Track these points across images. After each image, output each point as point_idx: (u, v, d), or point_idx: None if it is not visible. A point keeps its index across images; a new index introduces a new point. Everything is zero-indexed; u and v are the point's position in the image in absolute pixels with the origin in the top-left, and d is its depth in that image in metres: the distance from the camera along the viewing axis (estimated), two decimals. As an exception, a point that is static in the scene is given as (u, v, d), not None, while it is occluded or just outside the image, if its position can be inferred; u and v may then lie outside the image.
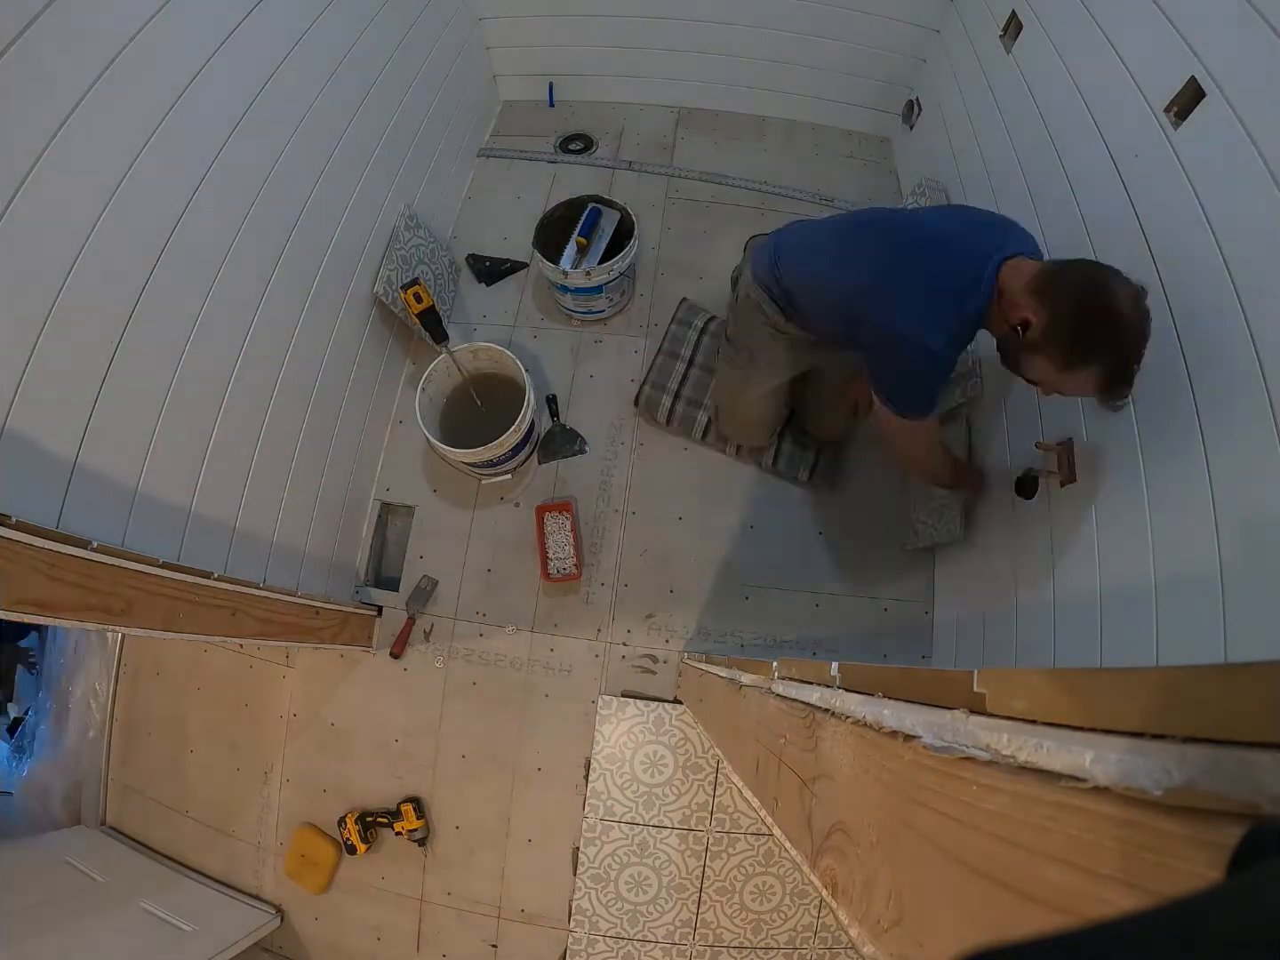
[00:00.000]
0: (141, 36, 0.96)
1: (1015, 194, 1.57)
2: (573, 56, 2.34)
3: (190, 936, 1.51)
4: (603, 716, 1.70)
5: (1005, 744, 0.25)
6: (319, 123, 1.43)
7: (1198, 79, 1.02)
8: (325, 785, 1.73)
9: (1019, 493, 1.38)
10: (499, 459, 1.72)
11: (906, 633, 1.78)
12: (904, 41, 2.10)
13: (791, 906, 1.64)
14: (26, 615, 0.79)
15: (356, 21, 1.54)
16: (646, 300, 2.09)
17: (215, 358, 1.23)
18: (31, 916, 1.41)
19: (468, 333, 2.04)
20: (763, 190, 2.28)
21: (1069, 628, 1.23)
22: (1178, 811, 0.17)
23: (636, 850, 1.65)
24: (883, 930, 0.34)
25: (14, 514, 0.78)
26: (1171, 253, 1.07)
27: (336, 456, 1.69)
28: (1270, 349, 0.87)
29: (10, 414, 0.83)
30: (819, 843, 0.45)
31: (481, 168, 2.34)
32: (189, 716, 1.83)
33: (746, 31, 2.18)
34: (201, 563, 1.15)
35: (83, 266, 0.91)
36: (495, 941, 1.65)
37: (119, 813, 1.85)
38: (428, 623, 1.79)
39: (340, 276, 1.63)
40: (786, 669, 0.63)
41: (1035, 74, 1.53)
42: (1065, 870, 0.20)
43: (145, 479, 1.06)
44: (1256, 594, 0.85)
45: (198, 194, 1.11)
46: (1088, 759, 0.20)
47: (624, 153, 2.36)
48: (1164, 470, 1.04)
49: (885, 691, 0.38)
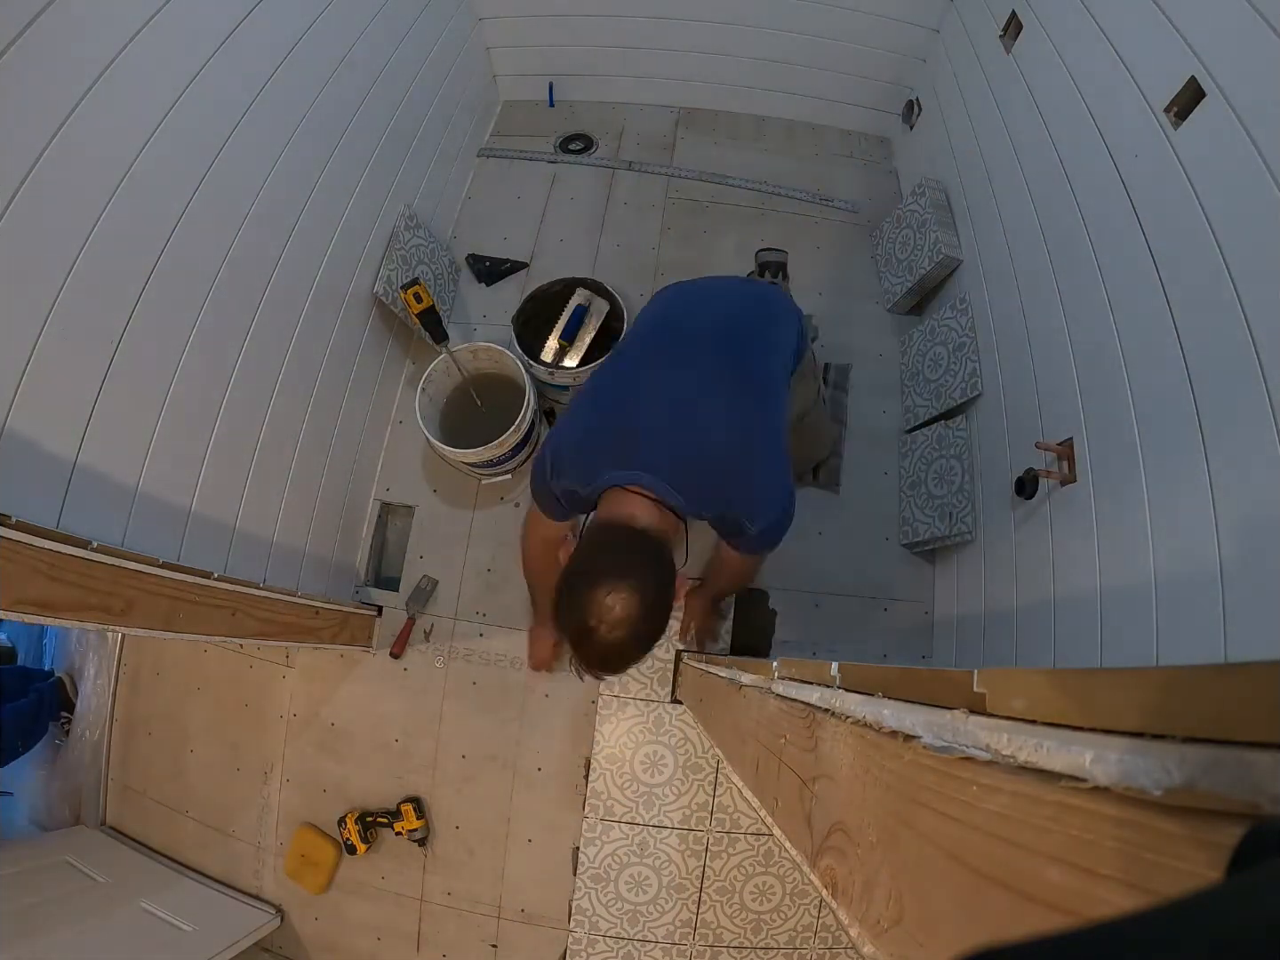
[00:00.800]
0: (142, 36, 0.96)
1: (1015, 194, 1.57)
2: (573, 56, 2.34)
3: (190, 936, 1.51)
4: (603, 716, 1.70)
5: (1005, 744, 0.25)
6: (319, 123, 1.43)
7: (1198, 79, 1.02)
8: (325, 785, 1.73)
9: (1019, 493, 1.38)
10: (499, 459, 1.72)
11: (906, 633, 1.78)
12: (904, 41, 2.11)
13: (791, 906, 1.64)
14: (27, 615, 0.79)
15: (356, 22, 1.54)
16: (646, 300, 2.08)
17: (215, 358, 1.23)
18: (31, 916, 1.41)
19: (468, 333, 2.04)
20: (763, 190, 2.28)
21: (1069, 628, 1.23)
22: (1178, 811, 0.17)
23: (636, 850, 1.65)
24: (883, 930, 0.34)
25: (14, 514, 0.78)
26: (1171, 253, 1.07)
27: (336, 456, 1.69)
28: (1270, 348, 0.87)
29: (10, 414, 0.83)
30: (819, 843, 0.45)
31: (481, 168, 2.34)
32: (189, 716, 1.83)
33: (747, 31, 2.18)
34: (201, 563, 1.15)
35: (83, 266, 0.91)
36: (495, 941, 1.65)
37: (119, 813, 1.85)
38: (428, 623, 1.79)
39: (340, 276, 1.63)
40: (786, 669, 0.63)
41: (1035, 74, 1.53)
42: (1065, 870, 0.20)
43: (145, 479, 1.06)
44: (1256, 594, 0.85)
45: (198, 194, 1.11)
46: (1088, 759, 0.20)
47: (624, 153, 2.36)
48: (1164, 470, 1.04)
49: (885, 691, 0.38)
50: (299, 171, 1.40)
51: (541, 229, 2.21)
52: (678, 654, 1.73)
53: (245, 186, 1.24)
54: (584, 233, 2.20)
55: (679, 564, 0.94)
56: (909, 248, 1.98)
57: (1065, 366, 1.31)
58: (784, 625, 1.78)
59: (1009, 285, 1.58)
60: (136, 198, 0.98)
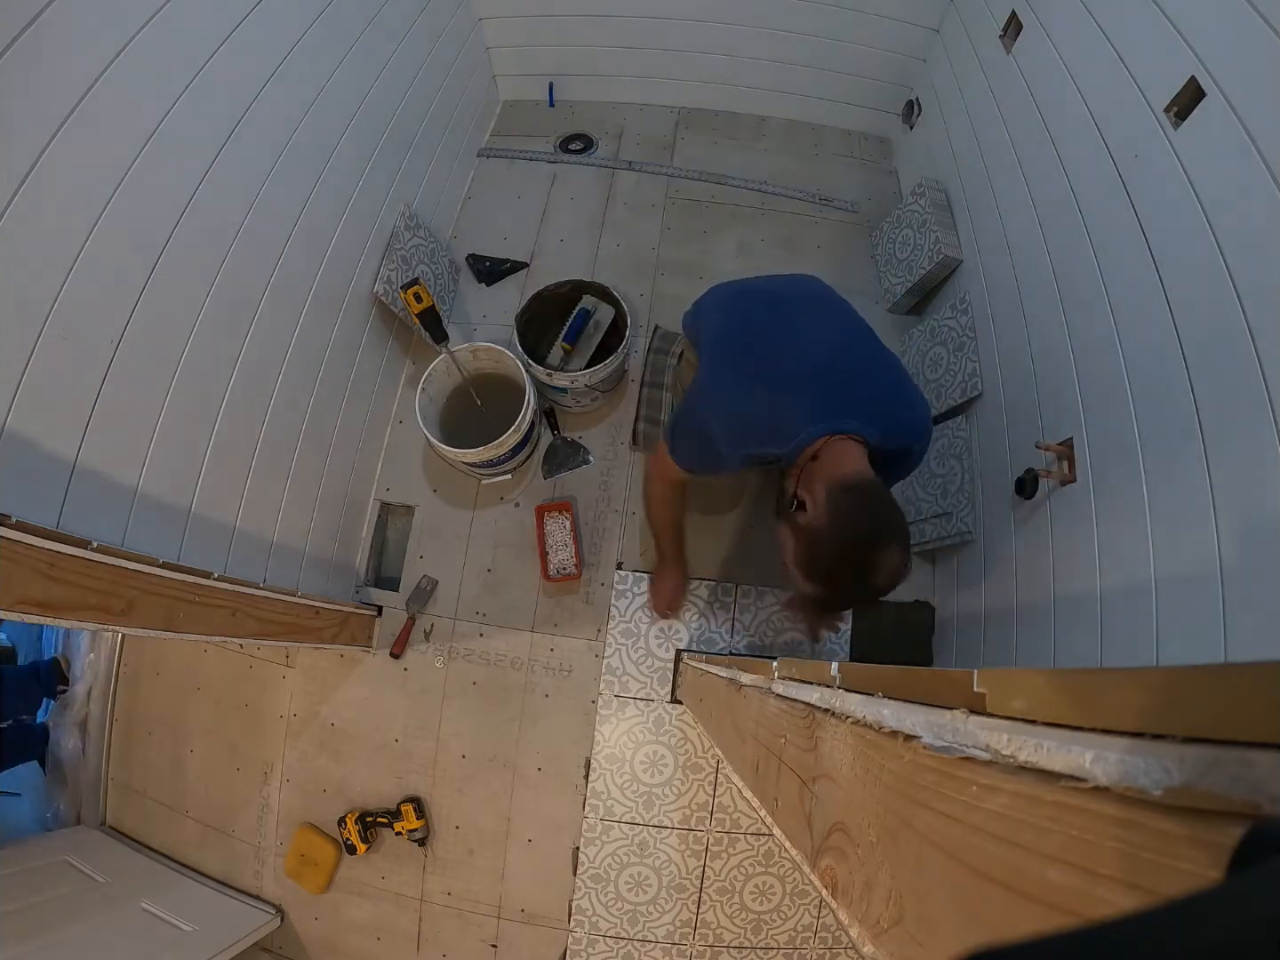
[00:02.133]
0: (142, 36, 0.96)
1: (1015, 194, 1.57)
2: (572, 56, 2.35)
3: (190, 936, 1.51)
4: (603, 716, 1.70)
5: (1005, 744, 0.25)
6: (318, 123, 1.43)
7: (1198, 79, 1.02)
8: (325, 785, 1.73)
9: (1019, 493, 1.38)
10: (499, 459, 1.72)
11: (906, 633, 1.78)
12: (904, 41, 2.11)
13: (791, 906, 1.64)
14: (27, 615, 0.79)
15: (357, 22, 1.54)
16: (646, 300, 2.09)
17: (215, 357, 1.23)
18: (31, 916, 1.41)
19: (468, 333, 2.04)
20: (763, 190, 2.28)
21: (1069, 628, 1.23)
22: (1178, 811, 0.17)
23: (636, 850, 1.65)
24: (883, 930, 0.34)
25: (14, 514, 0.78)
26: (1171, 252, 1.07)
27: (336, 456, 1.69)
28: (1270, 348, 0.87)
29: (10, 414, 0.83)
30: (819, 843, 0.45)
31: (481, 168, 2.34)
32: (189, 716, 1.83)
33: (747, 31, 2.18)
34: (201, 563, 1.15)
35: (83, 266, 0.91)
36: (495, 941, 1.65)
37: (119, 813, 1.85)
38: (428, 623, 1.79)
39: (340, 276, 1.63)
40: (786, 669, 0.63)
41: (1035, 74, 1.53)
42: (1065, 870, 0.20)
43: (145, 479, 1.06)
44: (1256, 594, 0.85)
45: (198, 194, 1.11)
46: (1088, 759, 0.20)
47: (624, 153, 2.36)
48: (1164, 470, 1.04)
49: (885, 691, 0.38)
50: (299, 171, 1.40)
51: (541, 229, 2.21)
52: (678, 654, 1.73)
53: (246, 187, 1.24)
54: (584, 233, 2.20)
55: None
56: (909, 248, 1.98)
57: (1065, 366, 1.32)
58: (784, 627, 1.78)
59: (1009, 285, 1.58)
60: (137, 197, 0.98)
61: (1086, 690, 0.23)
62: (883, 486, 0.97)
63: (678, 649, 1.74)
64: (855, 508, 0.93)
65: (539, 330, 1.92)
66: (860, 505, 0.93)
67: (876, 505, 0.94)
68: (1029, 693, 0.25)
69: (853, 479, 0.95)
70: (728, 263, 2.15)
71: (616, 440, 1.92)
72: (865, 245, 2.21)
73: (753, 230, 2.22)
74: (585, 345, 1.89)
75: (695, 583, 1.77)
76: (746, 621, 1.77)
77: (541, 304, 1.88)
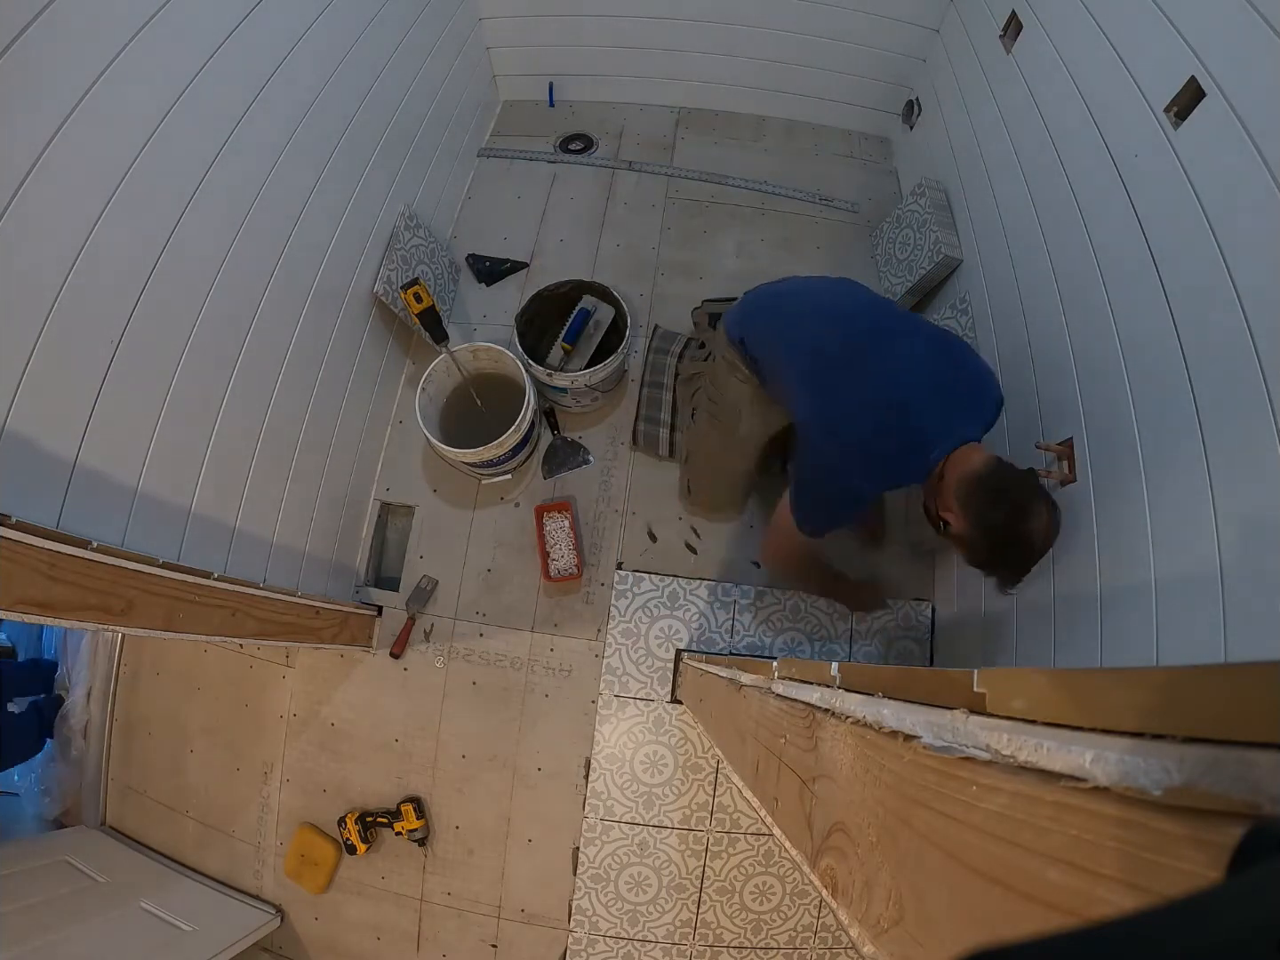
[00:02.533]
0: (141, 37, 0.96)
1: (1015, 194, 1.57)
2: (573, 56, 2.34)
3: (190, 936, 1.51)
4: (603, 716, 1.70)
5: (1005, 744, 0.25)
6: (319, 123, 1.43)
7: (1198, 79, 1.02)
8: (325, 785, 1.73)
9: (1019, 493, 1.38)
10: (499, 459, 1.72)
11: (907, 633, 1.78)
12: (904, 41, 2.11)
13: (791, 906, 1.64)
14: (27, 615, 0.79)
15: (357, 22, 1.54)
16: (646, 300, 2.09)
17: (215, 357, 1.23)
18: (31, 916, 1.41)
19: (468, 333, 2.04)
20: (763, 190, 2.28)
21: (1069, 628, 1.23)
22: (1178, 811, 0.17)
23: (636, 850, 1.65)
24: (883, 930, 0.34)
25: (14, 514, 0.78)
26: (1171, 252, 1.07)
27: (336, 456, 1.69)
28: (1270, 348, 0.87)
29: (10, 414, 0.83)
30: (819, 843, 0.45)
31: (481, 168, 2.34)
32: (189, 716, 1.83)
33: (746, 31, 2.18)
34: (201, 563, 1.15)
35: (83, 267, 0.91)
36: (495, 941, 1.65)
37: (119, 813, 1.85)
38: (428, 623, 1.79)
39: (340, 276, 1.63)
40: (786, 669, 0.63)
41: (1035, 74, 1.53)
42: (1065, 870, 0.20)
43: (145, 479, 1.06)
44: (1256, 594, 0.85)
45: (198, 194, 1.11)
46: (1088, 759, 0.20)
47: (624, 153, 2.36)
48: (1164, 470, 1.04)
49: (885, 691, 0.38)
50: (299, 171, 1.40)
51: (541, 229, 2.21)
52: (678, 654, 1.73)
53: (246, 186, 1.24)
54: (584, 233, 2.20)
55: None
56: (909, 248, 1.98)
57: (1065, 366, 1.31)
58: (784, 627, 1.78)
59: (1009, 285, 1.58)
60: (137, 198, 0.98)
61: (1086, 690, 0.23)
62: (994, 461, 1.05)
63: (678, 649, 1.74)
64: (986, 502, 1.02)
65: (539, 330, 1.92)
66: (989, 498, 1.02)
67: (1001, 485, 1.02)
68: (1029, 693, 0.25)
69: (970, 476, 1.04)
70: (728, 263, 2.15)
71: (616, 440, 1.92)
72: (865, 245, 2.21)
73: (753, 230, 2.22)
74: (585, 345, 1.89)
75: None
76: (746, 622, 1.77)
77: (541, 304, 1.88)
